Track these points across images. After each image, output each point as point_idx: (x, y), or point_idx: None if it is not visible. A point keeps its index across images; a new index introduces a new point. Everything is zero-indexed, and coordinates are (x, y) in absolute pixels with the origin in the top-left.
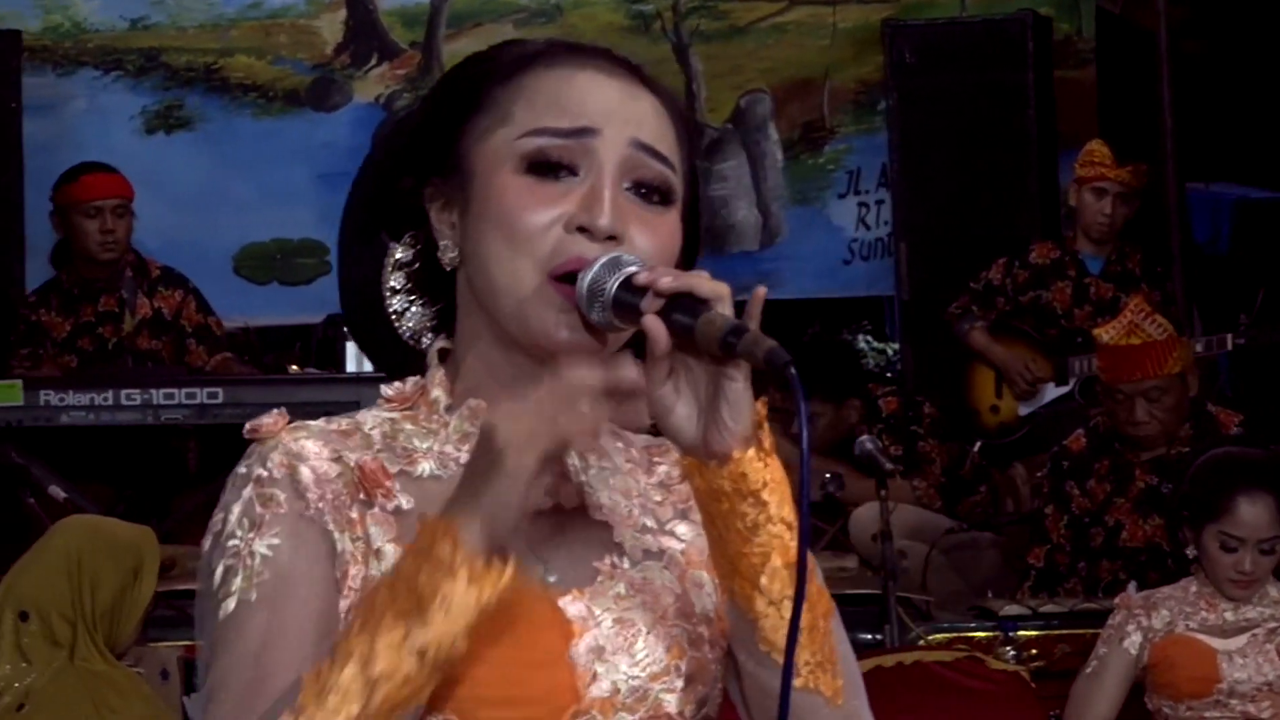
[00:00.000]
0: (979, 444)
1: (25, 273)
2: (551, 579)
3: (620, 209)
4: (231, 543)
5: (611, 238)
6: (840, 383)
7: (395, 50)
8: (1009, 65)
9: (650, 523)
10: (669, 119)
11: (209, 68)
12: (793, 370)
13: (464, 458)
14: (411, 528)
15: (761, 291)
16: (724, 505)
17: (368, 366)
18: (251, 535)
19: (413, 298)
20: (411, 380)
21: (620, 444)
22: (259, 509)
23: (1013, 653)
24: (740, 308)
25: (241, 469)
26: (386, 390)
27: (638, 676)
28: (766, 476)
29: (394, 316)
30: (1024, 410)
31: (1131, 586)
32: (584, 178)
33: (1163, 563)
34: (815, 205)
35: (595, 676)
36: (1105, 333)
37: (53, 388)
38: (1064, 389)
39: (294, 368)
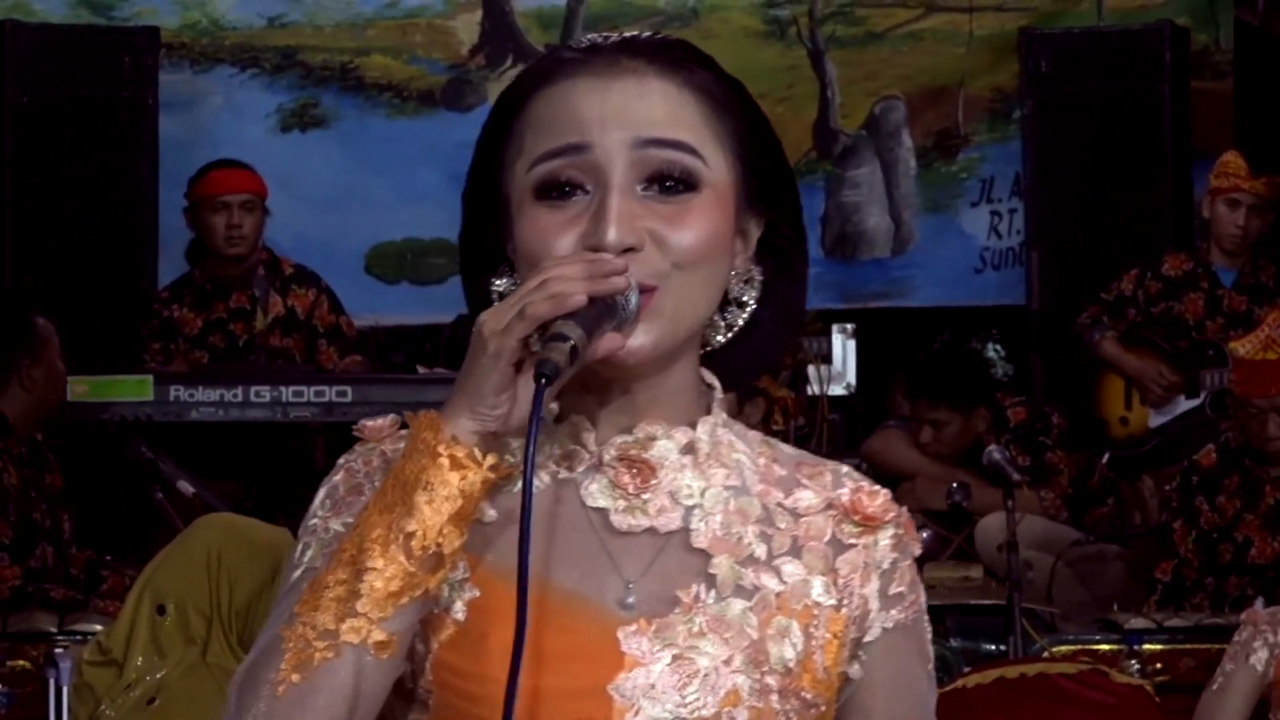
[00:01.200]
0: (1107, 455)
1: (158, 268)
2: (630, 600)
3: (631, 217)
4: (312, 521)
5: (629, 249)
6: (969, 392)
7: (530, 52)
8: (1145, 75)
9: (759, 553)
10: (690, 95)
11: (345, 66)
12: (542, 383)
13: (563, 474)
14: (489, 538)
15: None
16: None
17: None
18: (329, 515)
19: None
20: None
21: (765, 459)
22: (343, 493)
23: (1137, 666)
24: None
25: (340, 461)
26: None
27: (682, 719)
28: None
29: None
30: (1153, 422)
31: (1259, 602)
32: (594, 193)
33: None
34: (947, 213)
35: (638, 711)
36: (1240, 346)
37: (183, 383)
38: (1194, 402)
39: (422, 368)
